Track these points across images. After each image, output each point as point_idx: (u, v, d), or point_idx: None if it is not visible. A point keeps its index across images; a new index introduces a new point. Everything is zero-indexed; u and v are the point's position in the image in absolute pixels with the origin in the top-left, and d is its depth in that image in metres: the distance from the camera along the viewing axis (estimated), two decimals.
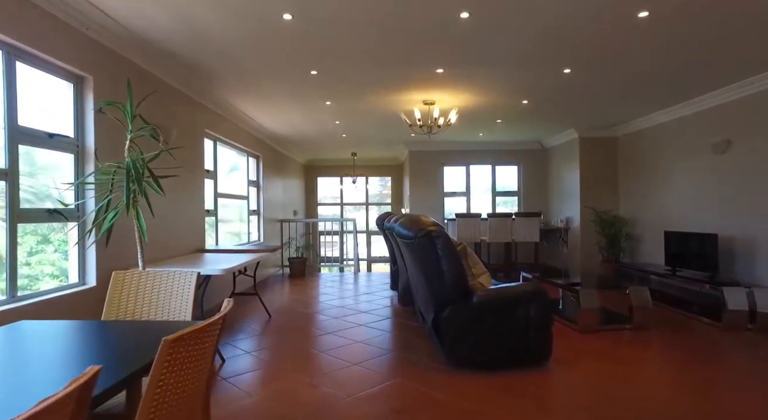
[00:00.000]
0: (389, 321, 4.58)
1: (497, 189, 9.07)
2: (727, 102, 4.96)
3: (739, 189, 4.84)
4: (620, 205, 7.24)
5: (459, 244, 3.37)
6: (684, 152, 5.69)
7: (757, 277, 4.59)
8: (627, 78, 4.50)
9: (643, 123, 6.52)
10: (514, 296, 3.02)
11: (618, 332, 4.10)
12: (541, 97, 5.18)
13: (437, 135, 7.86)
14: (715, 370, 3.12)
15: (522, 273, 5.50)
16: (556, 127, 7.25)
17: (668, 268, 5.46)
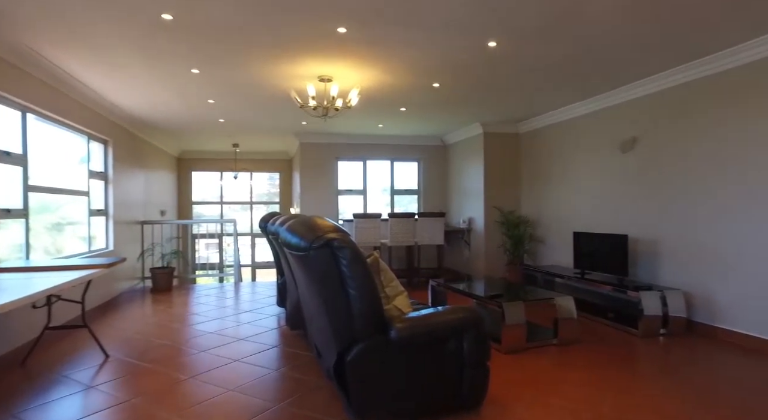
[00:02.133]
0: (275, 352, 3.55)
1: (396, 187, 8.45)
2: (634, 99, 4.82)
3: (644, 188, 4.72)
4: (522, 205, 7.04)
5: (369, 254, 2.50)
6: (591, 150, 5.52)
7: (661, 279, 4.46)
8: (554, 61, 4.03)
9: (546, 120, 6.32)
10: (445, 327, 2.24)
11: (544, 349, 3.59)
12: (454, 79, 4.55)
13: (333, 126, 6.99)
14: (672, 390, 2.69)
15: (431, 282, 4.84)
16: (460, 120, 6.79)
17: (577, 270, 5.22)
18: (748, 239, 3.70)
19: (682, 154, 4.30)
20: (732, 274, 3.83)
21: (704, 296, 4.06)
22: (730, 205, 3.85)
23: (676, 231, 4.34)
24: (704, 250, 4.07)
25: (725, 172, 3.89)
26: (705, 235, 4.06)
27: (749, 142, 3.70)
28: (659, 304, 3.98)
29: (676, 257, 4.34)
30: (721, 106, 3.92)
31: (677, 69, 4.20)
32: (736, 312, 3.81)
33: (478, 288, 4.38)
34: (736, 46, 3.66)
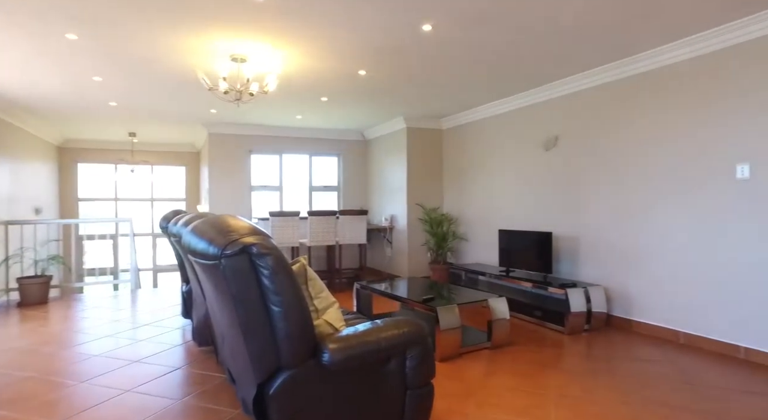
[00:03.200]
0: (179, 376, 2.99)
1: (315, 183, 8.00)
2: (557, 97, 4.89)
3: (566, 186, 4.80)
4: (445, 202, 6.97)
5: (295, 261, 2.10)
6: (515, 148, 5.55)
7: (582, 275, 4.57)
8: (490, 52, 3.89)
9: (471, 116, 6.29)
10: (387, 345, 1.91)
11: (479, 354, 3.43)
12: (383, 66, 4.25)
13: (246, 116, 6.37)
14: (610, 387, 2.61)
15: (355, 285, 4.51)
16: (384, 114, 6.53)
17: (503, 268, 5.21)
18: (658, 235, 3.85)
19: (598, 152, 4.41)
20: (644, 269, 3.98)
21: (620, 291, 4.20)
22: (641, 203, 3.99)
23: (594, 228, 4.45)
24: (619, 246, 4.20)
25: (637, 171, 4.03)
26: (619, 231, 4.19)
27: (657, 142, 3.85)
28: (584, 301, 4.03)
29: (595, 253, 4.45)
30: (634, 106, 4.05)
31: (597, 70, 4.28)
32: (647, 305, 3.96)
33: (406, 290, 4.13)
34: (651, 50, 3.78)
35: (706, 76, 3.54)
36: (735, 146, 3.37)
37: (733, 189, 3.38)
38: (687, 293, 3.68)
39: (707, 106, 3.54)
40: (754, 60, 3.25)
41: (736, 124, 3.37)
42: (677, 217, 3.74)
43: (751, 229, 3.28)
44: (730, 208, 3.40)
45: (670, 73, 3.79)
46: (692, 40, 3.53)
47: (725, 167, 3.43)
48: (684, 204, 3.70)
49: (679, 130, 3.74)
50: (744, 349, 3.33)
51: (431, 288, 4.18)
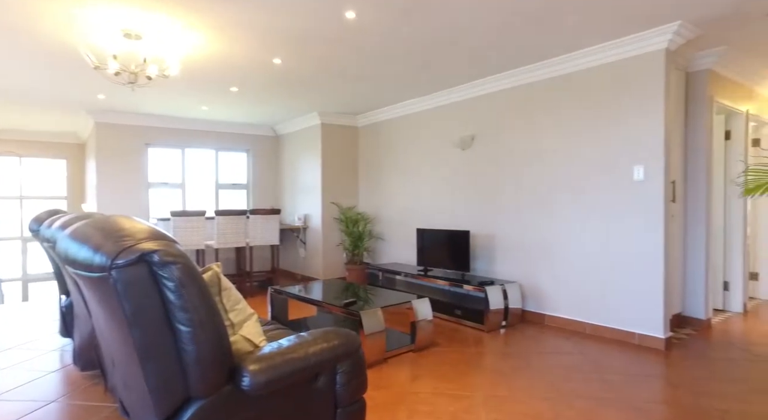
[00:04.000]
0: (55, 412, 2.48)
1: (222, 181, 7.42)
2: (474, 97, 4.98)
3: (482, 185, 4.91)
4: (361, 201, 6.85)
5: (207, 268, 1.80)
6: (433, 146, 5.57)
7: (498, 272, 4.71)
8: (414, 46, 3.79)
9: (387, 113, 6.22)
10: (316, 362, 1.70)
11: (403, 358, 3.33)
12: (300, 56, 3.98)
13: (142, 104, 5.66)
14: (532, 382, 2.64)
15: (270, 289, 4.20)
16: (298, 108, 6.22)
17: (421, 268, 5.20)
18: (566, 233, 4.07)
19: (512, 153, 4.56)
20: (554, 265, 4.19)
21: (534, 287, 4.37)
22: (551, 202, 4.20)
23: (509, 226, 4.60)
24: (532, 244, 4.38)
25: (547, 171, 4.23)
26: (532, 229, 4.37)
27: (566, 143, 4.06)
28: (501, 298, 4.12)
29: (510, 251, 4.60)
30: (545, 109, 4.25)
31: (512, 72, 4.42)
32: (557, 299, 4.17)
33: (325, 293, 3.92)
34: (563, 56, 3.97)
35: (609, 84, 3.79)
36: (632, 150, 3.65)
37: (631, 189, 3.65)
38: (590, 287, 3.92)
39: (610, 112, 3.79)
40: (646, 71, 3.54)
41: (633, 129, 3.64)
42: (583, 216, 3.98)
43: (645, 226, 3.56)
44: (628, 207, 3.67)
45: (578, 78, 4.01)
46: (598, 49, 3.76)
47: (624, 169, 3.69)
48: (589, 204, 3.93)
49: (585, 133, 3.97)
50: (638, 335, 3.62)
51: (350, 290, 4.00)
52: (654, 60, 3.51)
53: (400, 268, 5.34)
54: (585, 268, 3.96)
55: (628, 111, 3.68)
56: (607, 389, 2.74)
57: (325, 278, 6.46)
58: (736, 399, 2.61)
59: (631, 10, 3.10)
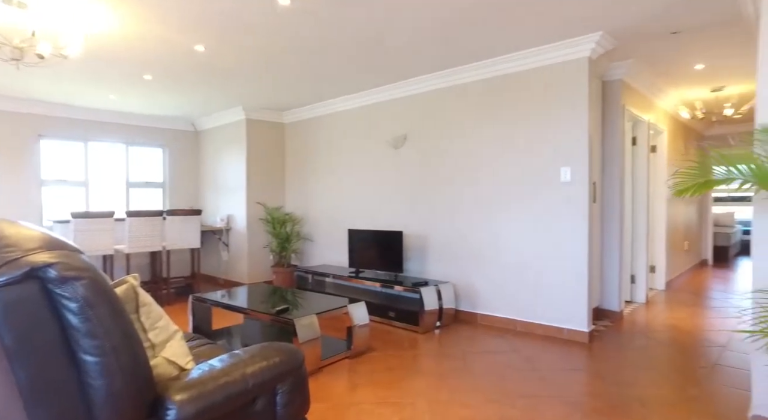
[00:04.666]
0: None
1: (134, 179, 6.74)
2: (406, 96, 4.94)
3: (414, 185, 4.89)
4: (288, 201, 6.56)
5: (121, 281, 1.53)
6: (365, 145, 5.45)
7: (430, 272, 4.71)
8: (350, 38, 3.63)
9: (317, 110, 6.00)
10: (256, 382, 1.50)
11: (339, 365, 3.18)
12: (226, 42, 3.66)
13: (33, 89, 4.92)
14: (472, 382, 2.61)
15: (191, 297, 3.84)
16: (221, 102, 5.80)
17: (352, 269, 5.07)
18: (499, 232, 4.17)
19: (445, 153, 4.59)
20: (486, 265, 4.26)
21: (466, 286, 4.43)
22: (484, 202, 4.27)
23: (442, 226, 4.62)
24: (465, 244, 4.43)
25: (479, 172, 4.30)
26: (465, 229, 4.42)
27: (497, 145, 4.16)
28: (436, 299, 4.11)
29: (443, 251, 4.62)
30: (478, 110, 4.31)
31: (446, 72, 4.43)
32: (490, 298, 4.26)
33: (252, 300, 3.65)
34: (497, 58, 4.05)
35: (539, 87, 3.92)
36: (560, 152, 3.80)
37: (559, 190, 3.81)
38: (521, 285, 4.04)
39: (539, 114, 3.93)
40: (572, 78, 3.71)
41: (560, 132, 3.80)
42: (514, 216, 4.08)
43: (572, 226, 3.73)
44: (556, 207, 3.82)
45: (510, 81, 4.11)
46: (529, 53, 3.87)
47: (553, 171, 3.84)
48: (520, 204, 4.05)
49: (517, 134, 4.08)
50: (566, 330, 3.78)
51: (279, 295, 3.77)
52: (579, 67, 3.69)
53: (331, 270, 5.16)
54: (516, 266, 4.08)
55: (556, 114, 3.83)
56: (544, 386, 2.80)
57: (250, 282, 6.11)
58: (650, 385, 2.79)
59: (559, 18, 3.21)
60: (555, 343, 3.65)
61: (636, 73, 4.47)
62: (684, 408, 2.51)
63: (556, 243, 3.82)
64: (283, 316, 3.07)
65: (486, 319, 4.27)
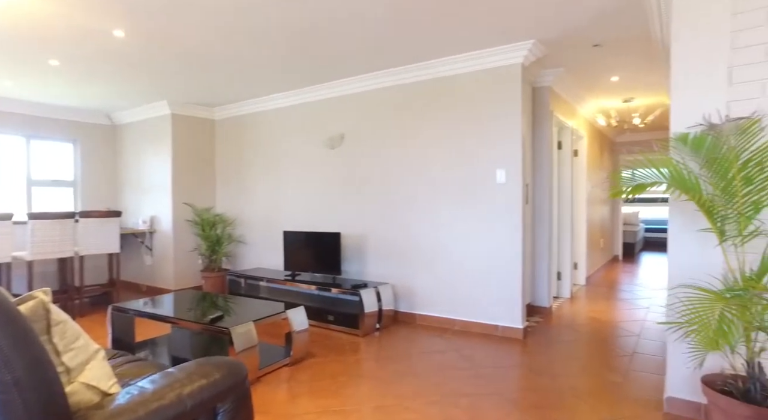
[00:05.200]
0: None
1: (38, 176, 6.04)
2: (343, 95, 4.86)
3: (352, 186, 4.83)
4: (219, 202, 6.23)
5: (26, 298, 1.32)
6: (301, 144, 5.29)
7: (369, 274, 4.68)
8: (290, 32, 3.48)
9: (250, 107, 5.75)
10: (194, 404, 1.36)
11: (279, 374, 3.04)
12: (149, 29, 3.37)
13: None
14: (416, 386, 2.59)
15: (110, 308, 3.49)
16: (142, 94, 5.36)
17: (288, 273, 4.90)
18: (437, 232, 4.23)
19: (382, 153, 4.57)
20: (425, 264, 4.31)
21: (405, 287, 4.44)
22: (422, 203, 4.31)
23: (381, 226, 4.60)
24: (403, 245, 4.45)
25: (418, 171, 4.34)
26: (403, 230, 4.44)
27: (437, 146, 4.22)
28: (375, 301, 4.08)
29: (382, 252, 4.60)
30: (417, 111, 4.35)
31: (384, 72, 4.42)
32: (428, 298, 4.31)
33: (180, 307, 3.40)
34: (435, 60, 4.10)
35: (476, 90, 4.02)
36: (496, 154, 3.92)
37: (495, 191, 3.93)
38: (458, 284, 4.12)
39: (477, 117, 4.02)
40: (507, 82, 3.84)
41: (496, 134, 3.92)
42: (451, 217, 4.16)
43: (507, 226, 3.87)
44: (492, 208, 3.94)
45: (449, 83, 4.17)
46: (467, 57, 3.95)
47: (489, 172, 3.96)
48: (457, 205, 4.13)
49: (455, 135, 4.15)
50: (501, 328, 3.92)
51: (211, 301, 3.54)
52: (512, 72, 3.83)
53: (265, 274, 4.96)
54: (453, 266, 4.15)
55: (491, 117, 3.94)
56: (484, 384, 2.87)
57: (177, 289, 5.72)
58: (580, 375, 2.96)
59: (496, 25, 3.30)
60: (492, 341, 3.76)
61: (562, 81, 4.74)
62: (610, 394, 2.68)
63: (492, 243, 3.94)
64: (217, 324, 2.87)
65: (425, 319, 4.32)
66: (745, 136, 2.13)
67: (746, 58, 2.29)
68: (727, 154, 2.11)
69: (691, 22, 2.40)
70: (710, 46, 2.36)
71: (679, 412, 2.44)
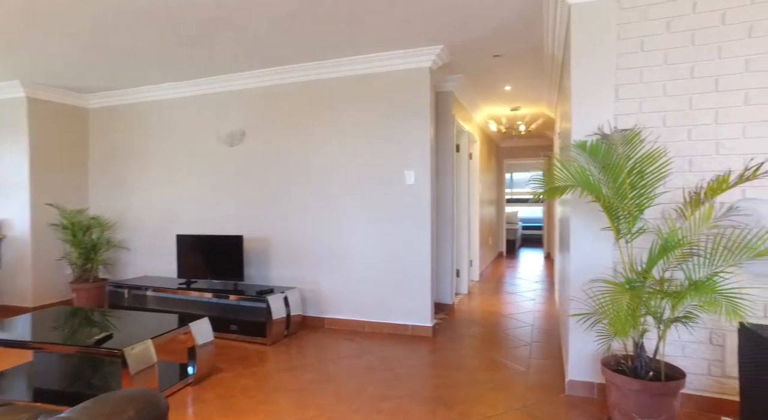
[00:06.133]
0: None
1: None
2: (245, 89, 4.55)
3: (255, 185, 4.54)
4: (93, 202, 5.43)
5: None
6: (198, 140, 4.82)
7: (275, 278, 4.44)
8: (185, 16, 3.11)
9: (137, 95, 5.10)
10: None
11: (183, 394, 2.71)
12: None
13: None
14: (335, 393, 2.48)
15: None
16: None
17: (183, 280, 4.43)
18: (346, 233, 4.16)
19: (288, 152, 4.38)
20: (334, 267, 4.21)
21: (313, 290, 4.30)
22: (331, 204, 4.22)
23: (287, 228, 4.40)
24: (311, 247, 4.30)
25: (327, 171, 4.23)
26: (311, 232, 4.29)
27: (344, 146, 4.16)
28: (283, 306, 3.88)
29: (288, 255, 4.39)
30: (324, 110, 4.24)
31: (292, 67, 4.23)
32: (337, 301, 4.22)
33: (45, 328, 2.86)
34: (350, 57, 4.02)
35: (387, 91, 4.02)
36: (405, 155, 3.98)
37: (404, 192, 3.98)
38: (368, 286, 4.10)
39: (387, 117, 4.03)
40: (417, 84, 3.92)
41: (406, 135, 3.97)
42: (361, 217, 4.12)
43: (416, 226, 3.95)
44: (402, 209, 3.99)
45: (359, 82, 4.12)
46: (378, 57, 3.95)
47: (398, 173, 4.00)
48: (367, 206, 4.10)
49: (365, 136, 4.11)
50: (411, 327, 3.98)
51: (84, 318, 3.05)
52: (421, 75, 3.91)
53: (154, 283, 4.44)
54: (363, 267, 4.12)
55: (400, 118, 3.98)
56: (403, 385, 2.87)
57: (37, 306, 4.86)
58: (490, 368, 3.12)
59: (406, 29, 3.34)
60: (403, 341, 3.81)
61: (462, 87, 4.99)
62: (518, 383, 2.86)
63: (402, 243, 3.99)
64: (106, 347, 2.47)
65: (334, 323, 4.22)
66: (630, 146, 2.41)
67: (627, 78, 2.61)
68: (618, 161, 2.37)
69: (588, 43, 2.66)
70: (601, 66, 2.64)
71: (578, 393, 2.69)
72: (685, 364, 2.48)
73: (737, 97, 2.42)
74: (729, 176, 2.02)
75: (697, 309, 2.05)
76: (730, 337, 2.40)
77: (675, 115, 2.53)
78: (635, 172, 2.33)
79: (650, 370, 2.19)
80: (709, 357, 2.46)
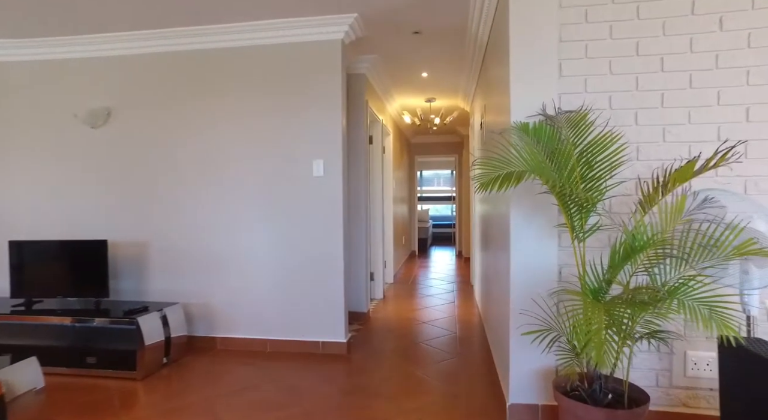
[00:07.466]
0: None
1: None
2: (111, 56, 3.61)
3: (124, 179, 3.63)
4: None
5: None
6: (43, 118, 3.73)
7: (152, 292, 3.58)
8: None
9: None
10: None
11: None
12: None
13: None
14: None
15: None
16: None
17: (19, 301, 3.37)
18: (242, 236, 3.46)
19: (170, 136, 3.55)
20: (228, 276, 3.48)
21: (202, 305, 3.52)
22: (224, 200, 3.48)
23: (169, 231, 3.56)
24: (197, 254, 3.52)
25: (218, 162, 3.48)
26: (197, 237, 3.51)
27: (236, 135, 3.44)
28: (161, 327, 3.06)
29: (169, 264, 3.55)
30: (213, 88, 3.48)
31: (173, 30, 3.40)
32: (231, 318, 3.49)
33: None
34: (245, 23, 3.30)
35: (290, 66, 3.38)
36: (312, 142, 3.37)
37: (312, 186, 3.37)
38: (270, 297, 3.43)
39: (290, 97, 3.39)
40: (326, 60, 3.33)
41: (313, 119, 3.37)
42: (261, 217, 3.44)
43: (326, 226, 3.36)
44: (309, 205, 3.38)
45: (257, 54, 3.42)
46: (279, 24, 3.28)
47: (304, 164, 3.38)
48: (268, 203, 3.43)
49: (264, 119, 3.43)
50: (322, 344, 3.39)
51: None
52: (333, 49, 3.34)
53: None
54: (263, 275, 3.44)
55: (307, 98, 3.37)
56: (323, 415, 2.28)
57: None
58: (419, 392, 2.66)
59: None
60: (313, 361, 3.20)
61: (376, 70, 4.50)
62: (455, 409, 2.42)
63: (310, 245, 3.38)
64: None
65: (229, 343, 3.48)
66: (577, 130, 2.08)
67: (571, 52, 2.28)
68: (565, 148, 2.02)
69: (527, 9, 2.29)
70: (543, 36, 2.28)
71: (521, 416, 2.32)
72: (633, 377, 2.21)
73: (683, 79, 2.20)
74: (695, 161, 1.73)
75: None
76: (678, 344, 2.18)
77: (621, 96, 2.24)
78: (583, 161, 2.00)
79: (608, 393, 1.86)
80: (657, 367, 2.22)
